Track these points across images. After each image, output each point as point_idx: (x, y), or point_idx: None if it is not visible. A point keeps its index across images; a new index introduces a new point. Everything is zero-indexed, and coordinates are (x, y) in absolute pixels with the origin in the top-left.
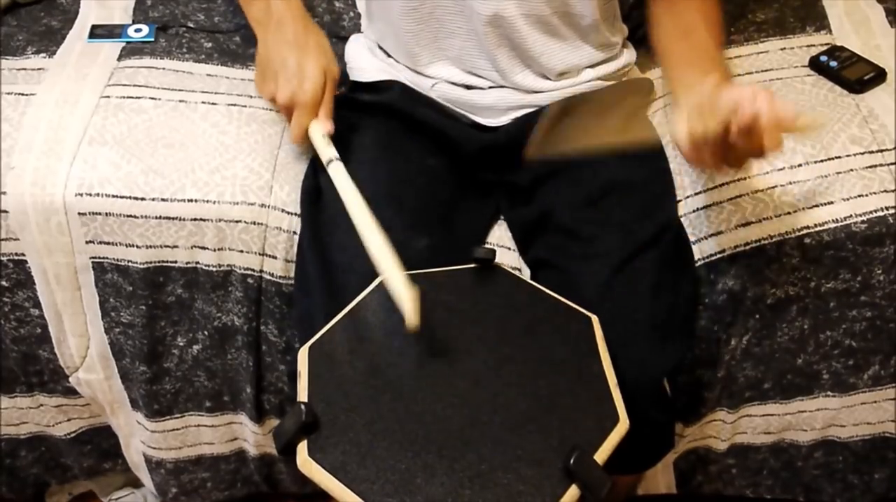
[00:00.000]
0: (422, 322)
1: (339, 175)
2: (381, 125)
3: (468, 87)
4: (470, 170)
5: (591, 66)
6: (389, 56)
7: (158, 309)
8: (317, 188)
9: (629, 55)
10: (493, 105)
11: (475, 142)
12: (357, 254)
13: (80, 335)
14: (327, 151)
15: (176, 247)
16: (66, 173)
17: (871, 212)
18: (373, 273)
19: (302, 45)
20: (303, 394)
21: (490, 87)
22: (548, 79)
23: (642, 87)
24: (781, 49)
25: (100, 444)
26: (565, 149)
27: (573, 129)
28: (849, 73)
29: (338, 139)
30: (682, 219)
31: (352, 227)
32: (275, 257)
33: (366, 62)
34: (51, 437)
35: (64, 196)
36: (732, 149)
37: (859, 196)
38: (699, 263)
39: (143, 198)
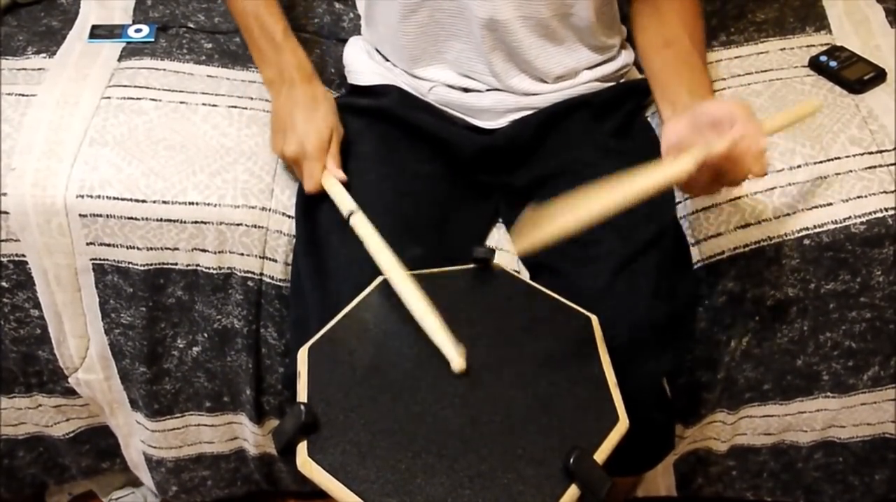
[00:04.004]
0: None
1: (362, 227)
2: (378, 130)
3: (466, 90)
4: (468, 173)
5: (589, 68)
6: (387, 60)
7: (159, 310)
8: (311, 196)
9: (627, 56)
10: (491, 107)
11: (473, 145)
12: (351, 262)
13: (79, 336)
14: (346, 203)
15: (176, 249)
16: (67, 175)
17: (870, 214)
18: (366, 281)
19: (310, 106)
20: (302, 395)
21: (487, 90)
22: (545, 82)
23: (640, 89)
24: (781, 49)
25: (98, 444)
26: (557, 233)
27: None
28: (848, 73)
29: None
30: (681, 221)
31: (346, 236)
32: (275, 260)
33: (364, 65)
34: (49, 437)
35: (65, 197)
36: (722, 173)
37: (858, 197)
38: (699, 265)
39: (143, 201)
